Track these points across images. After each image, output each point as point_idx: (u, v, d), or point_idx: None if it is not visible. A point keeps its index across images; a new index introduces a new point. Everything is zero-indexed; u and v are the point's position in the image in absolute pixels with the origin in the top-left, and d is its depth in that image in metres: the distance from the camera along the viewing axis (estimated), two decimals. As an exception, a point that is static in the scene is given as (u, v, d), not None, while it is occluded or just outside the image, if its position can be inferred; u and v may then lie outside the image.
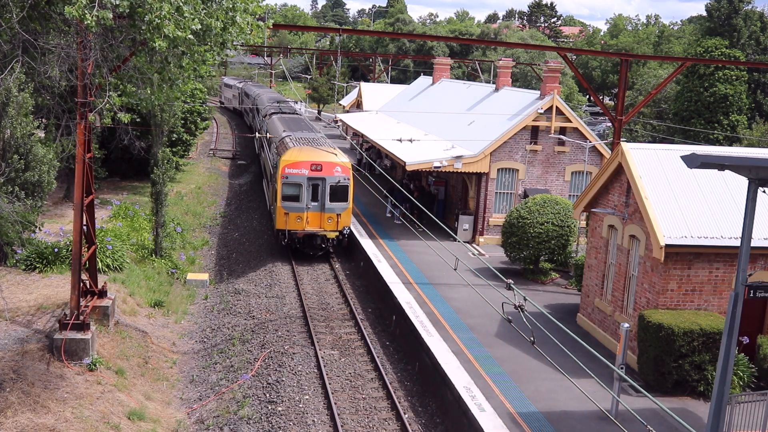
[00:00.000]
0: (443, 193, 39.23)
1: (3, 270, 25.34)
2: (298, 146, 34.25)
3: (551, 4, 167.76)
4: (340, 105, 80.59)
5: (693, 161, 10.07)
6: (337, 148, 34.88)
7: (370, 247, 32.13)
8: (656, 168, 21.20)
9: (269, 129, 43.64)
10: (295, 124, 42.99)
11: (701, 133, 65.79)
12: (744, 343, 19.14)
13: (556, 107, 33.69)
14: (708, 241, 19.73)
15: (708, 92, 67.86)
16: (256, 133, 50.42)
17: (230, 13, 17.87)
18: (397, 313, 25.31)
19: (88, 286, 22.50)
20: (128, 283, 27.02)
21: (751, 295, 11.88)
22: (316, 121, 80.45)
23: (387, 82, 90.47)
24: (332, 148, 34.41)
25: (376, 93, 65.74)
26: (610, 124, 69.09)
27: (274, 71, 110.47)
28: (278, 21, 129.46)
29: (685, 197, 20.64)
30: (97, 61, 19.17)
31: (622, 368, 17.25)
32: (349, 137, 58.91)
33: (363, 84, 70.66)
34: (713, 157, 9.97)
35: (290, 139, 36.62)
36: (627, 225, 21.75)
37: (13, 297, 23.08)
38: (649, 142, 68.90)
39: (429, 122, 41.56)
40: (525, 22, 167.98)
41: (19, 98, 24.42)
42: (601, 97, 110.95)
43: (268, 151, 41.58)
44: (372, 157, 50.78)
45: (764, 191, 10.49)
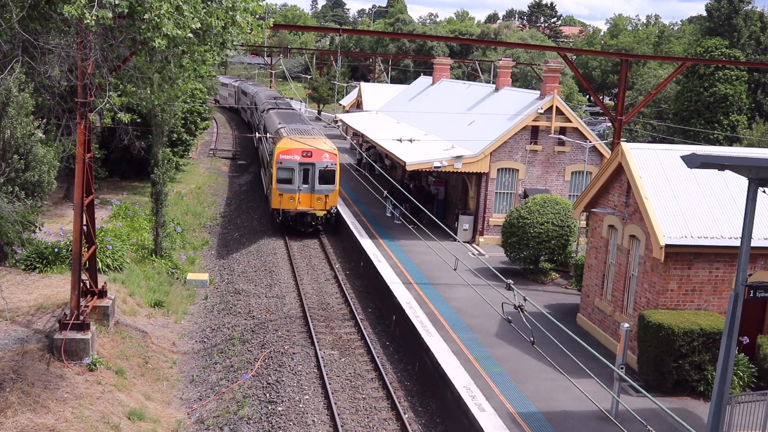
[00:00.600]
0: (443, 193, 39.23)
1: (3, 270, 25.34)
2: (292, 136, 37.70)
3: (551, 4, 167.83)
4: (340, 105, 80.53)
5: (693, 161, 10.05)
6: (326, 137, 38.60)
7: (370, 247, 32.12)
8: (656, 168, 21.19)
9: (266, 122, 47.38)
10: (290, 117, 46.52)
11: (701, 133, 65.77)
12: (744, 343, 19.13)
13: (556, 107, 33.68)
14: (708, 241, 19.73)
15: (708, 92, 67.85)
16: (256, 133, 52.05)
17: (230, 13, 17.86)
18: (397, 313, 25.30)
19: (88, 286, 22.50)
20: (128, 283, 27.02)
21: (751, 295, 11.88)
22: (316, 121, 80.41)
23: (387, 82, 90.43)
24: (322, 138, 38.15)
25: (376, 93, 65.73)
26: (610, 124, 69.09)
27: (274, 71, 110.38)
28: (278, 21, 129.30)
29: (685, 197, 20.63)
30: (97, 61, 19.16)
31: (622, 368, 17.24)
32: (349, 137, 58.87)
33: (363, 84, 70.63)
34: (713, 157, 9.95)
35: (284, 130, 40.15)
36: (627, 225, 21.74)
37: (13, 297, 23.08)
38: (649, 142, 68.87)
39: (429, 122, 41.55)
40: (525, 22, 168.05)
41: (19, 98, 24.39)
42: (601, 97, 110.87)
43: (265, 142, 44.91)
44: (372, 157, 50.77)
45: (764, 191, 10.48)
